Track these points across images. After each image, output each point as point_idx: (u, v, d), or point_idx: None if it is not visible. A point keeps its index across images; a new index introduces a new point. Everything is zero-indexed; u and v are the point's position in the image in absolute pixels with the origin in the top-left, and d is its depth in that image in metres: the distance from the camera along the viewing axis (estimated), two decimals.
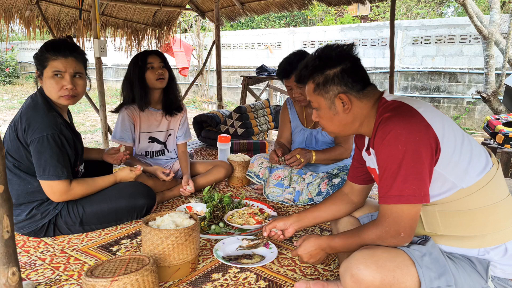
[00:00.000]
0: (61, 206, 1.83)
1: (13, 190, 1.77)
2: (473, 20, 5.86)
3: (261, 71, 5.60)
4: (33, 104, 1.76)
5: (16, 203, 1.78)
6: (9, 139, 1.76)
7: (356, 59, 1.24)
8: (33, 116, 1.71)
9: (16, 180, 1.78)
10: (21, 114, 1.74)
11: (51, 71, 1.74)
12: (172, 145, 2.62)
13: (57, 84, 1.75)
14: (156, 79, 2.30)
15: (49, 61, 1.74)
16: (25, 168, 1.77)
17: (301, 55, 2.24)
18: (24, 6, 4.20)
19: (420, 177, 1.06)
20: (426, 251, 1.09)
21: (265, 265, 1.61)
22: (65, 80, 1.76)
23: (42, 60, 1.75)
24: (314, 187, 2.27)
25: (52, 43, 1.78)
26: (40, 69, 1.77)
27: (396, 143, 1.06)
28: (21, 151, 1.74)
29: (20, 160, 1.76)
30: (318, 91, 1.24)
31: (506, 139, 3.97)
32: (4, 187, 0.94)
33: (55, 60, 1.74)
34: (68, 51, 1.77)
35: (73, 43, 1.87)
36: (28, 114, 1.72)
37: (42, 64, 1.75)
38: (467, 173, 1.09)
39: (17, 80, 16.25)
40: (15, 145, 1.74)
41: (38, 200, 1.79)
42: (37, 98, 1.79)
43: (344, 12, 14.36)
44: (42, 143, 1.68)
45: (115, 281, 1.20)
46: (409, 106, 1.13)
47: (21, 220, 1.79)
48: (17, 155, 1.75)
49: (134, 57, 2.37)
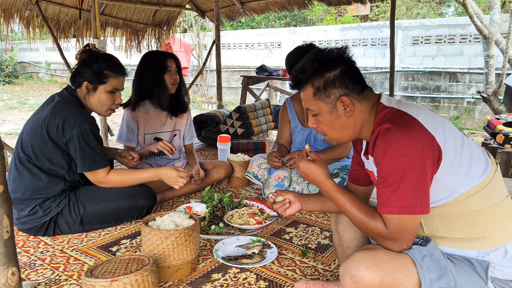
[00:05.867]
0: (63, 204, 1.84)
1: (22, 184, 1.81)
2: (473, 20, 5.85)
3: (261, 71, 5.60)
4: (65, 101, 1.84)
5: (22, 197, 1.80)
6: (35, 133, 1.79)
7: (352, 61, 1.21)
8: (69, 112, 1.79)
9: (27, 174, 1.81)
10: (53, 111, 1.79)
11: (110, 88, 1.89)
12: (177, 145, 2.62)
13: (111, 100, 1.91)
14: (172, 84, 2.35)
15: (110, 78, 1.88)
16: (41, 164, 1.80)
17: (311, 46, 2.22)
18: (24, 6, 4.20)
19: (422, 188, 1.05)
20: (427, 252, 1.09)
21: (265, 265, 1.60)
22: (118, 96, 1.95)
23: (102, 76, 1.86)
24: (314, 187, 2.27)
25: (116, 62, 1.92)
26: (95, 83, 1.86)
27: (399, 155, 1.04)
28: (46, 147, 1.78)
29: (40, 155, 1.79)
30: (319, 96, 1.18)
31: (507, 139, 3.97)
32: (4, 187, 0.94)
33: (115, 78, 1.89)
34: (124, 72, 1.94)
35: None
36: (62, 111, 1.79)
37: (101, 80, 1.87)
38: (467, 178, 1.09)
39: (17, 80, 16.25)
40: (41, 141, 1.78)
41: (43, 197, 1.82)
42: (68, 97, 1.87)
43: (344, 12, 14.36)
44: (84, 136, 1.77)
45: (115, 281, 1.20)
46: (408, 115, 1.10)
47: (24, 216, 1.81)
48: (38, 150, 1.79)
49: (150, 57, 2.36)
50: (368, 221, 1.13)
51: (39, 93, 12.94)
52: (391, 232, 1.09)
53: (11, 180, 1.84)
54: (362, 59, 8.83)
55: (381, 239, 1.12)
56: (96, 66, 1.86)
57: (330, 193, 1.22)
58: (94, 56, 1.89)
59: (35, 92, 13.03)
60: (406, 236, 1.09)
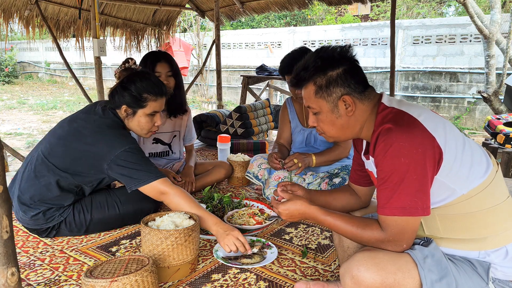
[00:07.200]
0: (67, 213, 1.80)
1: (32, 190, 1.75)
2: (473, 19, 5.85)
3: (261, 70, 5.59)
4: (108, 122, 1.75)
5: (28, 202, 1.75)
6: (69, 146, 1.72)
7: (355, 60, 1.20)
8: (110, 133, 1.71)
9: (42, 182, 1.73)
10: (96, 131, 1.70)
11: (150, 111, 1.80)
12: (177, 146, 2.62)
13: (151, 122, 1.83)
14: None
15: (149, 101, 1.78)
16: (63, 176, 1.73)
17: (304, 51, 2.23)
18: (23, 6, 4.19)
19: (423, 189, 1.04)
20: (428, 252, 1.08)
21: (265, 265, 1.60)
22: (158, 118, 1.85)
23: (141, 100, 1.77)
24: (315, 187, 2.27)
25: (155, 83, 1.80)
26: (135, 107, 1.78)
27: (399, 156, 1.04)
28: (79, 162, 1.71)
29: (68, 167, 1.72)
30: (320, 94, 1.18)
31: (507, 139, 3.96)
32: (4, 187, 0.93)
33: (155, 101, 1.79)
34: (165, 91, 1.83)
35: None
36: (104, 133, 1.71)
37: (140, 104, 1.78)
38: (468, 179, 1.08)
39: (16, 79, 16.26)
40: (76, 155, 1.71)
41: (48, 206, 1.77)
42: (112, 117, 1.78)
43: (344, 12, 14.35)
44: (130, 155, 1.67)
45: (115, 282, 1.20)
46: (409, 116, 1.09)
47: (27, 218, 1.78)
48: (67, 163, 1.72)
49: (143, 59, 2.34)
50: (362, 232, 1.13)
51: (38, 93, 12.94)
52: (390, 234, 1.09)
53: (24, 177, 1.77)
54: (362, 58, 8.82)
55: (380, 244, 1.12)
56: (134, 88, 1.76)
57: (318, 218, 1.22)
58: (133, 76, 1.79)
59: (34, 92, 13.03)
60: (406, 237, 1.08)
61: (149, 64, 2.30)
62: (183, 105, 2.53)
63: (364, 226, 1.14)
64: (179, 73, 2.42)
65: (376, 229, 1.11)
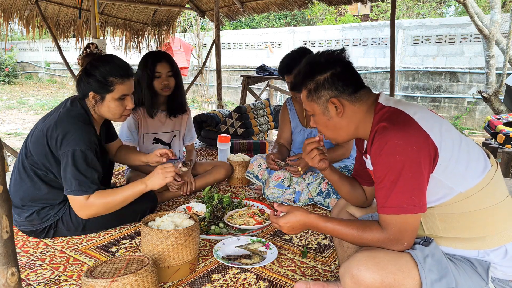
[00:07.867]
0: (63, 212, 1.80)
1: (21, 191, 1.75)
2: (473, 19, 5.85)
3: (261, 70, 5.59)
4: (72, 114, 1.72)
5: (20, 204, 1.76)
6: (37, 142, 1.71)
7: (347, 63, 1.23)
8: (70, 127, 1.67)
9: (28, 182, 1.74)
10: (57, 122, 1.68)
11: (118, 95, 1.75)
12: (177, 146, 2.62)
13: (121, 106, 1.78)
14: (162, 89, 2.33)
15: (116, 85, 1.73)
16: (42, 174, 1.74)
17: (303, 51, 2.23)
18: (23, 6, 4.20)
19: (419, 187, 1.06)
20: (429, 252, 1.09)
21: (265, 265, 1.60)
22: (128, 101, 1.80)
23: (107, 84, 1.72)
24: (315, 187, 2.27)
25: (119, 65, 1.75)
26: (102, 92, 1.73)
27: (394, 153, 1.05)
28: (47, 158, 1.70)
29: (41, 165, 1.72)
30: (311, 97, 1.25)
31: (507, 139, 3.96)
32: (4, 187, 0.93)
33: (121, 84, 1.74)
34: (131, 73, 1.79)
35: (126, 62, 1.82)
36: (64, 124, 1.67)
37: (107, 89, 1.72)
38: (465, 177, 1.09)
39: (16, 80, 16.26)
40: (43, 151, 1.70)
41: (41, 205, 1.77)
42: (77, 109, 1.75)
43: (344, 12, 14.35)
44: (73, 157, 1.63)
45: (115, 282, 1.20)
46: (404, 114, 1.11)
47: (22, 220, 1.79)
48: (39, 159, 1.71)
49: (144, 59, 2.35)
50: (362, 234, 1.14)
51: (38, 93, 12.94)
52: (391, 233, 1.09)
53: (12, 183, 1.79)
54: (362, 59, 8.83)
55: (382, 244, 1.12)
56: (98, 73, 1.71)
57: (319, 226, 1.23)
58: (95, 62, 1.74)
59: (34, 92, 13.03)
60: (407, 235, 1.09)
61: (149, 64, 2.30)
62: (183, 105, 2.53)
63: (364, 228, 1.15)
64: (179, 73, 2.43)
65: (377, 230, 1.12)
